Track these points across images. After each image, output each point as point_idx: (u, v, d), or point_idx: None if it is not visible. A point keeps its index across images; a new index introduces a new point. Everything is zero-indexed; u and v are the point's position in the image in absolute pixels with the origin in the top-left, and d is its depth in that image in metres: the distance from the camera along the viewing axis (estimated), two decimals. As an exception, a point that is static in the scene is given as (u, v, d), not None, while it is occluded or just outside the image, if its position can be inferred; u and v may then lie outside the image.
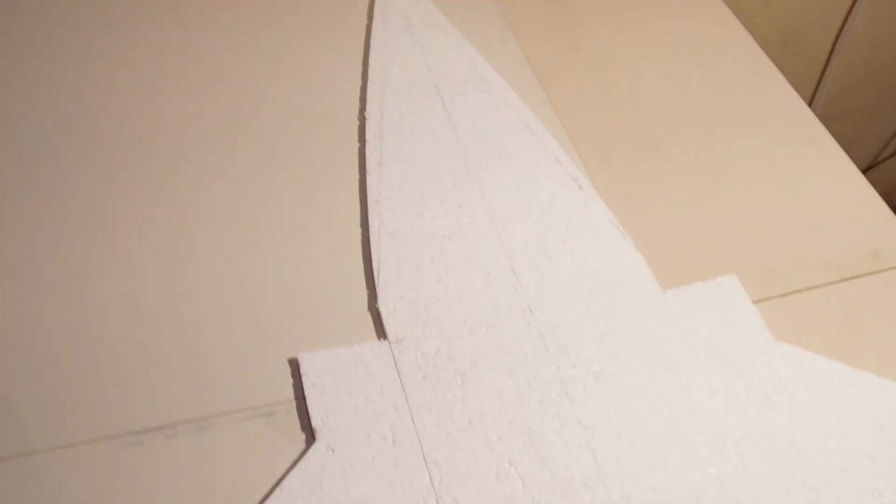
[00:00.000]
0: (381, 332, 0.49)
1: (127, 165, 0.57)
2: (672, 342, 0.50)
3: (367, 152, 0.59)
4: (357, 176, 0.58)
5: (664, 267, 0.55)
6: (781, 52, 1.02)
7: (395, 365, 0.48)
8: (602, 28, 0.74)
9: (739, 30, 0.75)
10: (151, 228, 0.54)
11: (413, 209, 0.56)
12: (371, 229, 0.54)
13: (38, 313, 0.49)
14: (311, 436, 0.45)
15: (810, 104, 1.14)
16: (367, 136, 0.60)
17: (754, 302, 0.53)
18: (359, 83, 0.65)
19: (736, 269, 0.55)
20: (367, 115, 0.61)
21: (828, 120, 0.83)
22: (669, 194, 0.60)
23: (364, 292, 0.52)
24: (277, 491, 0.42)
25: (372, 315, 0.51)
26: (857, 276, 0.56)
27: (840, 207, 0.60)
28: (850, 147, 0.71)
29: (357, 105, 0.63)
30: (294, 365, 0.48)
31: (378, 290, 0.51)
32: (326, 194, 0.57)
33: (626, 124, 0.65)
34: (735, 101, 0.68)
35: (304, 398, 0.46)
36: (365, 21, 0.71)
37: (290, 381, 0.47)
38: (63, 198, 0.55)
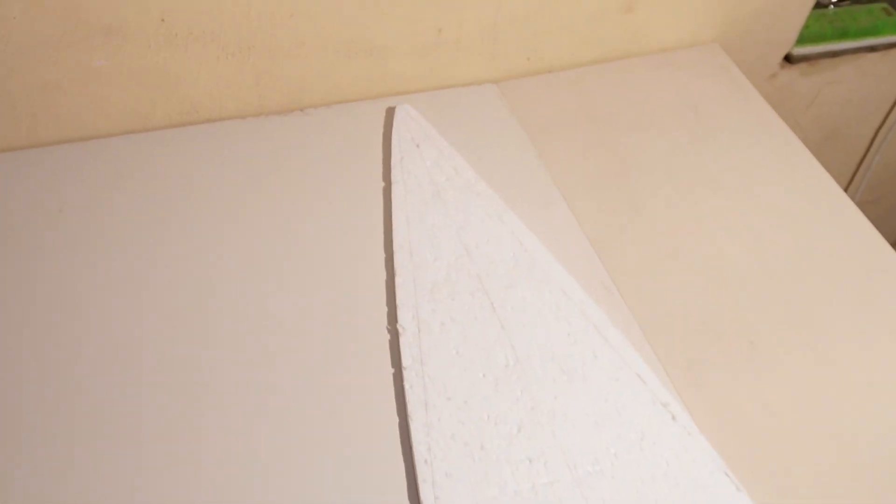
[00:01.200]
0: None
1: (106, 408, 0.45)
2: None
3: (407, 386, 0.47)
4: (395, 419, 0.46)
5: (788, 524, 0.44)
6: (822, 147, 0.93)
7: None
8: (661, 179, 0.62)
9: (827, 180, 0.65)
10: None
11: (475, 471, 0.44)
12: (424, 508, 0.42)
13: None
14: None
15: (846, 190, 1.06)
16: (404, 362, 0.48)
17: (906, 570, 0.43)
18: (382, 274, 0.53)
19: (875, 522, 0.45)
20: (399, 329, 0.50)
21: (863, 205, 0.75)
22: (777, 414, 0.49)
23: None
24: None
25: None
26: None
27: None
28: (879, 224, 0.65)
29: (384, 307, 0.51)
30: None
31: None
32: (356, 451, 0.45)
33: (710, 313, 0.54)
34: (832, 271, 0.57)
35: None
36: (381, 184, 0.59)
37: None
38: (35, 454, 0.42)
